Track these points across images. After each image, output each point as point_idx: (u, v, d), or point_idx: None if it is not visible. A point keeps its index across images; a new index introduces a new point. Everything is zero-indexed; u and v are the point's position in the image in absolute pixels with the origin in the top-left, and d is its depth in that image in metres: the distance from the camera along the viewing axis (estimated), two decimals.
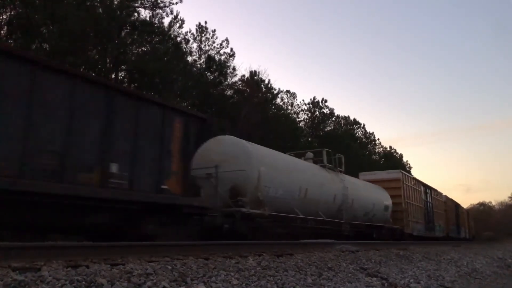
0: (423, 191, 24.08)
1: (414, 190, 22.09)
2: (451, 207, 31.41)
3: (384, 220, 18.70)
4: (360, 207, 16.64)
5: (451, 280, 7.48)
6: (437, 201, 26.93)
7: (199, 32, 28.48)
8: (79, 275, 3.56)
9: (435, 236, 24.55)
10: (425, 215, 23.31)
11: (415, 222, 21.18)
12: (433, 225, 24.78)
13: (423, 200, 23.69)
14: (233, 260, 5.42)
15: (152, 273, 4.03)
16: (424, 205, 23.60)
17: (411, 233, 20.20)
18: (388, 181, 20.43)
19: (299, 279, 5.08)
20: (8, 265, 3.64)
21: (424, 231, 22.61)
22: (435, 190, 27.30)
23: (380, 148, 54.24)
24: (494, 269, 10.50)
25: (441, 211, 27.48)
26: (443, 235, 26.65)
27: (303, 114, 42.13)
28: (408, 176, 22.38)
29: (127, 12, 21.46)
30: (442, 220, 27.45)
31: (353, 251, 8.67)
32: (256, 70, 32.19)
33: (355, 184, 17.27)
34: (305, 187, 13.12)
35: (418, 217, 21.92)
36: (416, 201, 22.06)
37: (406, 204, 20.44)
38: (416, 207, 21.91)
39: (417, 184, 23.28)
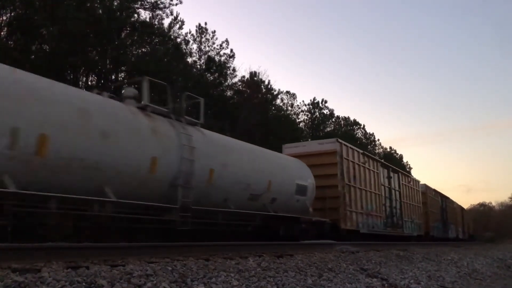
0: (384, 174, 18.13)
1: (364, 170, 15.90)
2: (433, 200, 26.48)
3: (299, 209, 12.07)
4: (234, 184, 9.60)
5: (451, 281, 7.48)
6: (409, 189, 21.33)
7: (199, 33, 28.53)
8: (79, 276, 3.56)
9: (402, 235, 19.08)
10: (385, 206, 17.36)
11: (362, 215, 15.13)
12: (400, 220, 19.04)
13: (383, 186, 17.68)
14: (233, 261, 5.42)
15: (152, 274, 4.03)
16: (385, 193, 17.81)
17: (354, 229, 14.38)
18: (320, 155, 14.25)
19: (299, 280, 5.08)
20: (8, 266, 3.64)
21: (383, 227, 16.87)
22: (406, 176, 21.97)
23: (380, 149, 54.38)
24: (494, 269, 10.50)
25: (417, 203, 22.11)
26: (418, 234, 21.60)
27: (303, 115, 42.23)
28: (353, 149, 15.50)
29: (127, 13, 21.51)
30: (417, 214, 22.01)
31: (353, 252, 8.68)
32: (256, 71, 32.31)
33: (223, 146, 9.85)
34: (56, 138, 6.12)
35: (370, 208, 15.97)
36: (367, 185, 15.94)
37: (345, 188, 14.11)
38: (368, 194, 15.84)
39: (373, 164, 16.87)
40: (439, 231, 26.86)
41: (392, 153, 56.66)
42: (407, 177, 21.71)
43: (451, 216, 31.41)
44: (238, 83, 30.96)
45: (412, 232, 20.53)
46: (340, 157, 14.22)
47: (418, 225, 21.92)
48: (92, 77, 22.78)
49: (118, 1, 21.09)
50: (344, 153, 14.42)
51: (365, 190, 15.67)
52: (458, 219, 35.11)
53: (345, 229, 13.81)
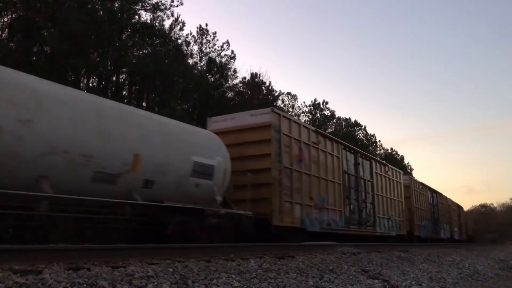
0: (349, 159, 14.89)
1: (317, 152, 12.85)
2: (421, 195, 23.46)
3: (202, 198, 9.05)
4: (54, 153, 6.30)
5: (453, 282, 7.46)
6: (387, 181, 18.05)
7: (200, 34, 28.56)
8: (81, 278, 3.56)
9: (373, 235, 16.00)
10: (349, 199, 14.42)
11: (311, 208, 12.02)
12: (371, 217, 15.94)
13: (347, 174, 14.53)
14: (234, 263, 5.41)
15: (153, 276, 4.02)
16: (350, 183, 14.71)
17: (296, 226, 11.29)
18: (252, 130, 11.09)
19: (300, 282, 5.07)
20: (10, 268, 3.64)
21: (344, 224, 13.78)
22: (383, 165, 18.43)
23: (382, 150, 54.33)
24: (496, 271, 10.48)
25: (397, 197, 19.00)
26: (398, 234, 18.43)
27: (304, 116, 42.21)
28: (299, 124, 12.52)
29: (128, 15, 21.54)
30: (398, 211, 18.92)
31: (355, 253, 8.67)
32: (257, 72, 32.33)
33: (31, 91, 6.24)
34: None
35: (325, 200, 12.87)
36: (321, 171, 12.83)
37: (282, 172, 10.94)
38: (322, 182, 12.81)
39: (331, 145, 13.78)
40: (428, 230, 23.76)
41: (393, 154, 56.62)
42: (384, 166, 18.24)
43: (445, 214, 28.68)
44: (239, 84, 31.02)
45: (388, 232, 17.34)
46: (277, 132, 11.01)
47: (399, 223, 18.66)
48: (93, 79, 22.83)
49: (119, 3, 21.12)
50: (283, 128, 11.22)
51: (317, 177, 12.43)
52: (454, 218, 32.60)
53: (281, 226, 10.56)
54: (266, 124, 10.98)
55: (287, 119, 11.78)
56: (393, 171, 19.22)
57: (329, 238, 12.37)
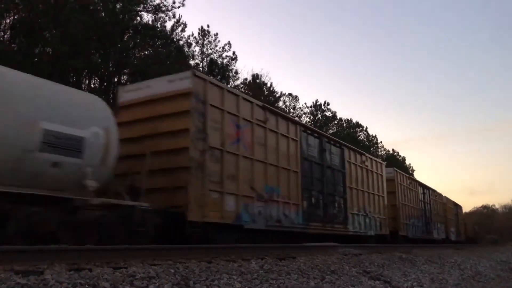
0: (312, 144, 12.50)
1: (265, 133, 10.53)
2: (409, 191, 21.01)
3: (68, 181, 6.74)
4: None
5: (454, 284, 7.46)
6: (365, 172, 15.69)
7: (201, 35, 28.62)
8: (82, 279, 3.56)
9: (344, 234, 13.76)
10: (309, 191, 12.12)
11: (253, 201, 9.81)
12: (342, 213, 13.77)
13: (308, 161, 12.19)
14: (235, 264, 5.41)
15: (155, 277, 4.03)
16: (312, 172, 12.35)
17: (225, 222, 8.96)
18: (168, 100, 8.88)
19: (301, 283, 5.07)
20: (11, 268, 3.65)
21: (302, 221, 11.44)
22: (360, 154, 15.86)
23: (383, 151, 54.29)
24: (498, 272, 10.46)
25: (378, 192, 16.72)
26: (372, 233, 15.75)
27: (306, 117, 42.29)
28: (237, 96, 10.09)
29: (130, 16, 21.59)
30: (379, 207, 16.69)
31: (356, 254, 8.66)
32: (259, 73, 32.41)
33: None
34: None
35: (274, 191, 10.58)
36: (268, 155, 10.50)
37: (206, 153, 8.67)
38: (269, 169, 10.47)
39: (286, 125, 11.43)
40: (417, 230, 21.42)
41: (395, 155, 56.56)
42: (360, 155, 15.74)
43: (439, 213, 26.38)
44: (241, 85, 31.07)
45: (365, 231, 15.08)
46: (200, 102, 8.67)
47: (379, 221, 16.32)
48: (95, 80, 22.89)
49: (120, 4, 21.18)
50: (212, 98, 8.96)
51: (263, 162, 10.18)
52: (451, 217, 30.26)
53: (202, 222, 8.22)
54: (184, 92, 8.65)
55: (218, 88, 9.38)
56: (372, 162, 16.80)
57: (277, 238, 10.43)
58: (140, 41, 22.58)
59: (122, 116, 8.92)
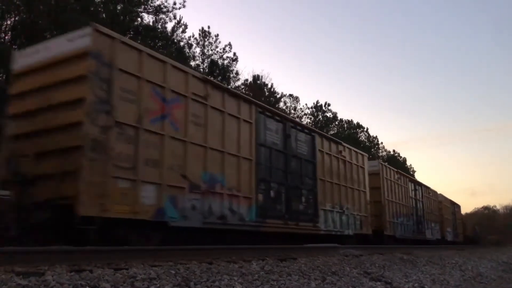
0: (270, 127, 10.67)
1: (205, 110, 8.77)
2: (397, 186, 19.21)
3: None
4: None
5: (456, 285, 7.45)
6: (340, 163, 13.83)
7: (202, 36, 28.65)
8: (83, 280, 3.56)
9: (315, 233, 12.02)
10: (268, 183, 10.34)
11: (184, 192, 7.97)
12: (310, 209, 11.90)
13: (265, 148, 10.42)
14: (236, 265, 5.41)
15: (156, 278, 4.03)
16: (271, 160, 10.54)
17: (140, 217, 7.06)
18: (64, 64, 7.00)
19: (302, 284, 5.07)
20: (12, 270, 3.65)
21: (256, 218, 9.69)
22: (336, 142, 14.16)
23: (384, 152, 54.25)
24: (499, 273, 10.44)
25: (358, 187, 15.05)
26: (350, 232, 13.96)
27: (306, 118, 42.24)
28: (148, 55, 7.70)
29: (130, 17, 21.61)
30: (359, 204, 14.96)
31: (357, 256, 8.67)
32: (259, 74, 32.39)
33: None
34: None
35: (219, 181, 8.87)
36: (212, 138, 8.79)
37: (109, 131, 6.76)
38: (212, 155, 8.74)
39: (234, 104, 9.67)
40: (406, 230, 19.66)
41: (396, 156, 56.52)
42: (337, 144, 14.04)
43: (433, 211, 24.74)
44: (241, 86, 31.08)
45: (341, 229, 13.33)
46: (103, 66, 6.84)
47: (359, 219, 14.63)
48: None
49: (121, 5, 21.20)
50: (122, 61, 7.04)
51: (201, 146, 8.33)
52: (447, 217, 28.67)
53: (99, 218, 6.33)
54: (81, 52, 6.79)
55: (133, 50, 7.34)
56: (351, 152, 14.95)
57: (222, 237, 8.97)
58: (140, 42, 22.59)
59: (15, 87, 7.60)
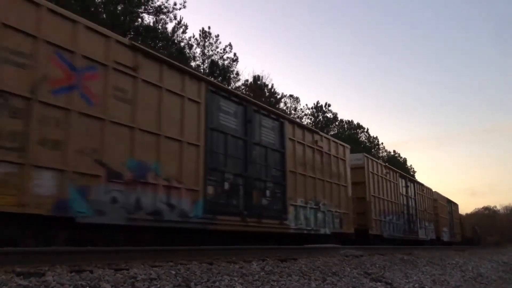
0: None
1: (135, 85, 7.24)
2: (382, 179, 17.26)
3: None
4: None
5: (456, 285, 7.45)
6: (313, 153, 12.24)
7: (202, 37, 28.65)
8: (83, 280, 3.57)
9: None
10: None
11: (83, 180, 6.25)
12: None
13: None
14: (237, 265, 5.42)
15: (156, 278, 4.03)
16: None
17: (28, 211, 5.51)
18: None
19: (303, 284, 5.07)
20: (12, 270, 3.65)
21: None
22: (302, 126, 12.53)
23: (384, 153, 54.24)
24: (499, 274, 10.45)
25: (336, 180, 13.21)
26: (327, 231, 12.27)
27: (307, 119, 42.23)
28: (48, 10, 6.02)
29: (131, 18, 21.63)
30: (338, 199, 13.19)
31: (358, 256, 8.66)
32: (260, 74, 32.39)
33: None
34: None
35: (138, 168, 7.11)
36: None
37: None
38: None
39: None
40: (396, 229, 17.98)
41: (396, 157, 56.51)
42: (312, 133, 12.50)
43: (427, 210, 23.15)
44: (242, 87, 31.08)
45: (315, 228, 11.71)
46: None
47: (339, 217, 13.06)
48: None
49: (122, 6, 21.23)
50: (4, 15, 5.62)
51: (124, 126, 6.92)
52: (443, 216, 27.14)
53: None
54: None
55: (28, 2, 5.95)
56: (330, 143, 13.42)
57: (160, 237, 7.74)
58: (141, 42, 22.62)
59: None
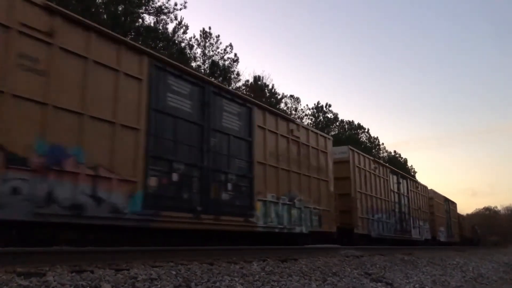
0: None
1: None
2: (369, 174, 15.99)
3: None
4: None
5: (456, 286, 7.44)
6: (278, 139, 10.67)
7: (203, 37, 28.64)
8: (84, 280, 3.57)
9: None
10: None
11: None
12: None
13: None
14: (237, 265, 5.42)
15: (157, 278, 4.03)
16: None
17: None
18: None
19: (303, 285, 5.07)
20: (13, 270, 3.66)
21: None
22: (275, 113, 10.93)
23: (385, 153, 54.17)
24: (500, 274, 10.43)
25: (308, 172, 11.65)
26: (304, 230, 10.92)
27: (307, 119, 42.20)
28: None
29: (132, 18, 21.64)
30: (312, 194, 11.65)
31: (358, 256, 8.66)
32: (260, 75, 32.39)
33: None
34: None
35: (49, 150, 5.74)
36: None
37: None
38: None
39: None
40: (386, 228, 16.75)
41: (397, 157, 56.44)
42: (287, 121, 11.33)
43: (422, 208, 21.90)
44: (242, 87, 31.07)
45: (289, 226, 10.43)
46: None
47: (318, 214, 11.69)
48: None
49: (122, 6, 21.23)
50: None
51: (31, 101, 5.71)
52: (440, 215, 25.99)
53: None
54: None
55: None
56: (309, 134, 12.18)
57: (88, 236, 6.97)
58: (142, 43, 22.63)
59: None
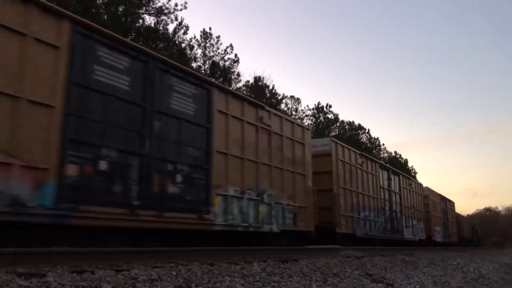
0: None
1: None
2: (355, 169, 14.95)
3: None
4: None
5: (457, 287, 7.43)
6: (245, 126, 9.61)
7: (203, 38, 28.65)
8: (84, 281, 3.57)
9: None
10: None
11: None
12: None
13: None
14: (238, 266, 5.41)
15: (157, 279, 4.03)
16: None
17: None
18: None
19: (304, 285, 5.06)
20: (14, 271, 3.65)
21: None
22: (240, 97, 9.83)
23: (385, 154, 54.16)
24: (501, 275, 10.41)
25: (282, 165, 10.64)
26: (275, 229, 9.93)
27: (308, 120, 42.22)
28: None
29: (132, 19, 21.65)
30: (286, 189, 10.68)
31: (359, 257, 8.65)
32: (261, 75, 32.39)
33: None
34: None
35: None
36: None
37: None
38: None
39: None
40: (374, 227, 15.73)
41: (397, 158, 56.43)
42: (256, 107, 10.12)
43: (415, 207, 20.76)
44: (243, 88, 31.07)
45: (256, 225, 9.44)
46: None
47: (293, 211, 10.70)
48: None
49: (123, 7, 21.24)
50: None
51: None
52: (436, 214, 24.81)
53: None
54: None
55: None
56: (283, 122, 11.09)
57: None
58: (142, 43, 22.64)
59: None
